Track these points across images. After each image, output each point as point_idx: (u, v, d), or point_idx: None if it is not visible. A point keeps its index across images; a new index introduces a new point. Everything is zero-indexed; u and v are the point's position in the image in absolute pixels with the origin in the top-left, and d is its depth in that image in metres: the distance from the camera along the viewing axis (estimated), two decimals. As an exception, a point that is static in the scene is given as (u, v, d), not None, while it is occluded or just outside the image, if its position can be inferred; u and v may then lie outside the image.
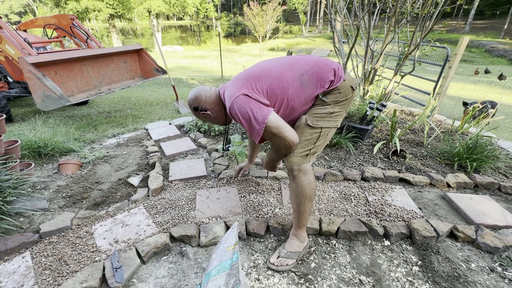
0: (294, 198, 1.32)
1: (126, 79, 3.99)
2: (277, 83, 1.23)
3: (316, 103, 1.31)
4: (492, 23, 27.95)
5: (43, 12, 19.01)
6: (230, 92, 1.23)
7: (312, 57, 1.32)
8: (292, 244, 1.37)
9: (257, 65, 1.34)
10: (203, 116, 1.42)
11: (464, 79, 8.02)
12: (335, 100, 1.29)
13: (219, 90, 1.39)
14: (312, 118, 1.28)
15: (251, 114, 1.16)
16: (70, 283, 1.19)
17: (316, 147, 1.31)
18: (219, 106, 1.39)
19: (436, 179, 2.00)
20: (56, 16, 4.05)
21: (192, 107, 1.40)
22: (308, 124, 1.28)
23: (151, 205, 1.77)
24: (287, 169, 1.32)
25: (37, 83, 2.64)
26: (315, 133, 1.29)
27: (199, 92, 1.38)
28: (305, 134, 1.29)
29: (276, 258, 1.35)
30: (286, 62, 1.30)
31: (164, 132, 3.04)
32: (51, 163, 2.40)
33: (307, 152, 1.28)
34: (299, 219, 1.36)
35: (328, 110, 1.29)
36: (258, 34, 15.27)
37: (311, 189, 1.28)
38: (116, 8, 16.82)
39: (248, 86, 1.20)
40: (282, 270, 1.32)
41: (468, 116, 2.89)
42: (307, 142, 1.28)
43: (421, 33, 2.71)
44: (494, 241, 1.43)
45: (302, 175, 1.27)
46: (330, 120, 1.31)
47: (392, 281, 1.27)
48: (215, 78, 7.56)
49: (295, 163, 1.27)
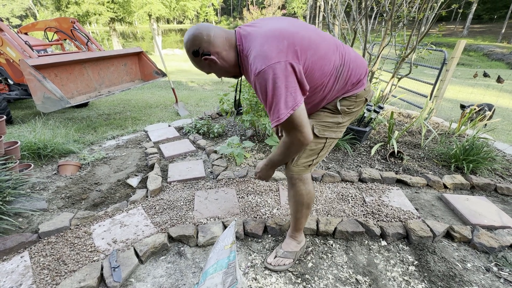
0: (292, 204, 1.30)
1: (126, 82, 4.01)
2: (319, 65, 1.00)
3: (326, 108, 1.16)
4: (489, 27, 28.20)
5: (44, 15, 19.13)
6: (267, 49, 0.92)
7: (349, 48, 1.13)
8: (289, 244, 1.38)
9: (305, 28, 1.03)
10: (206, 64, 1.05)
11: (462, 82, 8.08)
12: (348, 108, 1.15)
13: (236, 31, 1.05)
14: (320, 128, 1.16)
15: (283, 93, 0.92)
16: (68, 282, 1.19)
17: (319, 157, 1.24)
18: (231, 51, 1.04)
19: (433, 180, 2.01)
20: (57, 19, 4.09)
21: (190, 52, 1.03)
22: (315, 133, 1.16)
23: (149, 205, 1.78)
24: (287, 176, 1.27)
25: (37, 85, 2.66)
26: (320, 143, 1.19)
27: (199, 30, 0.99)
28: (310, 143, 1.17)
29: (274, 258, 1.36)
30: (331, 42, 1.06)
31: (163, 134, 3.05)
32: (51, 164, 2.41)
33: (310, 162, 1.21)
34: (296, 223, 1.35)
35: (337, 120, 1.17)
36: (257, 37, 15.35)
37: (309, 198, 1.26)
38: (117, 12, 16.93)
39: (294, 53, 0.93)
40: (279, 269, 1.32)
41: (465, 118, 2.92)
42: (311, 152, 1.20)
43: (417, 36, 2.75)
44: (490, 241, 1.44)
45: (301, 184, 1.23)
46: (336, 131, 1.20)
47: (388, 281, 1.28)
48: (214, 81, 7.60)
49: (296, 172, 1.21)
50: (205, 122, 3.12)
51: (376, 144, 2.51)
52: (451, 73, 3.49)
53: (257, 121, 2.65)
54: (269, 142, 2.37)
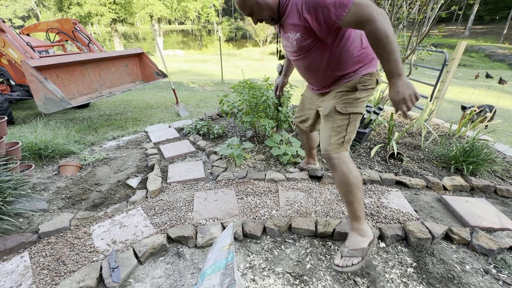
0: (340, 188, 1.31)
1: (127, 83, 4.03)
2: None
3: (343, 89, 1.31)
4: (491, 28, 28.12)
5: (46, 16, 19.23)
6: None
7: None
8: (353, 240, 1.29)
9: None
10: (250, 4, 1.21)
11: (463, 83, 8.06)
12: (364, 85, 1.29)
13: None
14: (341, 105, 1.29)
15: None
16: (68, 282, 1.20)
17: (349, 133, 1.32)
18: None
19: (432, 182, 2.01)
20: (59, 21, 4.11)
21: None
22: (338, 110, 1.29)
23: (149, 206, 1.79)
24: (325, 159, 1.33)
25: (39, 86, 2.68)
26: (345, 119, 1.30)
27: None
28: (336, 121, 1.30)
29: (340, 258, 1.26)
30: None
31: (164, 135, 3.06)
32: (51, 165, 2.42)
33: (342, 139, 1.30)
34: (351, 210, 1.30)
35: (356, 96, 1.30)
36: (258, 38, 15.37)
37: (354, 176, 1.25)
38: (119, 13, 17.01)
39: None
40: (348, 271, 1.22)
41: (465, 119, 2.91)
42: (340, 129, 1.30)
43: (417, 37, 2.75)
44: (489, 243, 1.43)
45: (341, 163, 1.27)
46: (358, 106, 1.31)
47: (386, 282, 1.28)
48: (215, 82, 7.62)
49: (332, 150, 1.29)
50: (205, 123, 3.13)
51: (376, 145, 2.51)
52: (451, 74, 3.48)
53: (257, 122, 2.66)
54: (269, 143, 2.38)
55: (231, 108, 2.85)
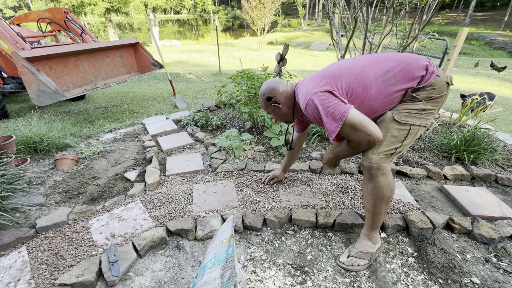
0: (369, 198, 1.24)
1: (122, 74, 3.95)
2: (357, 81, 1.15)
3: (405, 100, 1.18)
4: (492, 15, 27.70)
5: (38, 6, 18.70)
6: (307, 89, 1.21)
7: (397, 53, 1.23)
8: (363, 244, 1.33)
9: (336, 63, 1.28)
10: (272, 108, 1.42)
11: (463, 72, 7.98)
12: (429, 97, 1.16)
13: (293, 86, 1.39)
14: (400, 114, 1.17)
15: (328, 111, 1.12)
16: (67, 277, 1.19)
17: (403, 146, 1.20)
18: (291, 102, 1.39)
19: (433, 172, 2.00)
20: (50, 10, 3.98)
21: (265, 97, 1.40)
22: (395, 119, 1.16)
23: (148, 199, 1.77)
24: (364, 166, 1.22)
25: (31, 78, 2.61)
26: (403, 130, 1.17)
27: (278, 84, 1.38)
28: (391, 130, 1.17)
29: (346, 257, 1.31)
30: (367, 59, 1.22)
31: (161, 127, 3.02)
32: (47, 158, 2.38)
33: (393, 151, 1.18)
34: (373, 220, 1.29)
35: (420, 107, 1.16)
36: (256, 27, 15.11)
37: (389, 190, 1.20)
38: (112, 2, 16.57)
39: (327, 83, 1.16)
40: (353, 270, 1.28)
41: (466, 108, 2.88)
42: (394, 140, 1.17)
43: (419, 25, 2.68)
44: (490, 232, 1.43)
45: (381, 175, 1.18)
46: (421, 118, 1.17)
47: (387, 272, 1.28)
48: (213, 73, 7.50)
49: (376, 161, 1.17)
50: (203, 115, 3.08)
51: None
52: (453, 62, 3.42)
53: (256, 113, 2.62)
54: (268, 134, 2.35)
55: (229, 99, 2.80)
